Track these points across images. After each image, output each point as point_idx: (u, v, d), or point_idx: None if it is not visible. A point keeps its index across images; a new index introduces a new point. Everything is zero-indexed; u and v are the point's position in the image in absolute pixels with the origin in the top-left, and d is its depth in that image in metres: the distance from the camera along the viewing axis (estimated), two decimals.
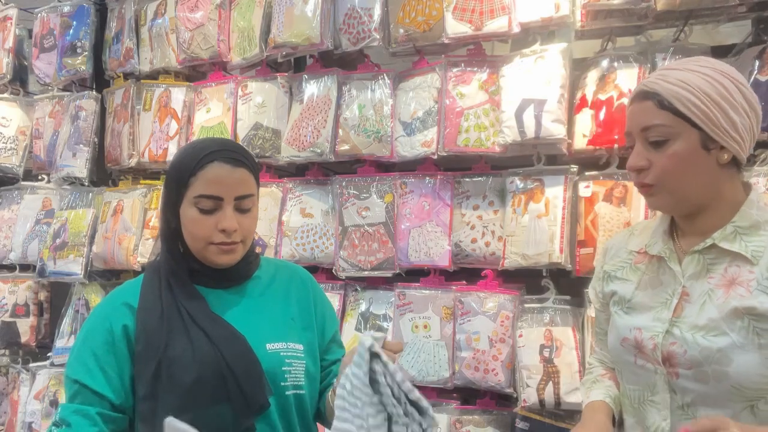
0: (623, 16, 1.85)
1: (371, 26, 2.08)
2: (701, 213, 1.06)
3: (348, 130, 2.13)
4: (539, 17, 1.84)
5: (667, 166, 1.01)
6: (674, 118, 1.00)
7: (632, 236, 1.21)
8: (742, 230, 1.02)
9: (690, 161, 1.01)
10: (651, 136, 1.02)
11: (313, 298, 1.31)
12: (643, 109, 1.04)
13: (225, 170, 1.13)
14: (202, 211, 1.13)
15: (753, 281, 0.98)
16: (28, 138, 2.91)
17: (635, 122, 1.05)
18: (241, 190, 1.15)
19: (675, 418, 1.05)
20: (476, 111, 1.96)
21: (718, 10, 1.79)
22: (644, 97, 1.04)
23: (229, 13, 2.39)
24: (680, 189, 1.03)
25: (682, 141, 1.00)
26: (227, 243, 1.14)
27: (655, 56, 1.81)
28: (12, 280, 2.76)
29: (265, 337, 1.18)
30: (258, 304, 1.23)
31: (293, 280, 1.31)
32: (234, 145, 1.22)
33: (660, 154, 1.02)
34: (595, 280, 1.27)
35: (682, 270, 1.06)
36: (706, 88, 1.00)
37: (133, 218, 2.49)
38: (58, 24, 2.80)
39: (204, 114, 2.44)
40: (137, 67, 2.61)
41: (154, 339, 1.12)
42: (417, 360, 1.98)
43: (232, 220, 1.13)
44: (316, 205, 2.23)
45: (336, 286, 2.20)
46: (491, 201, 1.99)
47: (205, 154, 1.13)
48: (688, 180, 1.02)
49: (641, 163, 1.03)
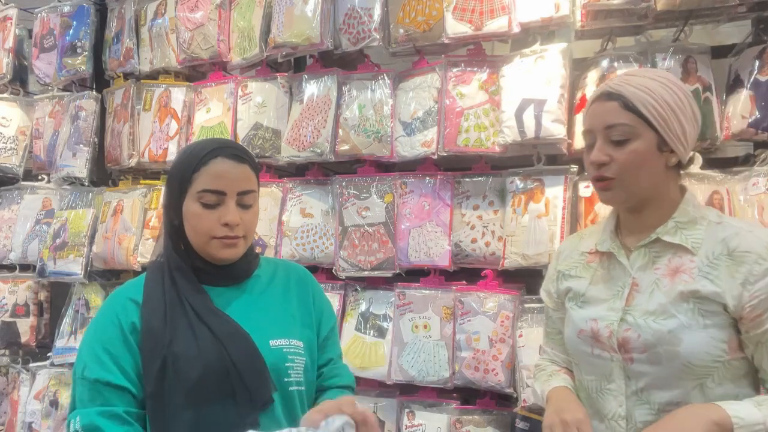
0: (623, 16, 1.85)
1: (371, 26, 2.08)
2: (645, 209, 1.16)
3: (348, 130, 2.13)
4: (539, 17, 1.85)
5: (627, 162, 1.10)
6: (636, 119, 1.10)
7: (582, 239, 1.31)
8: (682, 225, 1.13)
9: (646, 160, 1.11)
10: (614, 134, 1.11)
11: (312, 296, 1.32)
12: (607, 108, 1.12)
13: (228, 165, 1.16)
14: (205, 206, 1.15)
15: (695, 269, 1.09)
16: (28, 138, 2.91)
17: (599, 120, 1.13)
18: (243, 186, 1.17)
19: (630, 404, 1.13)
20: (476, 111, 1.96)
21: (718, 10, 1.79)
22: (608, 98, 1.13)
23: (229, 13, 2.39)
24: (634, 184, 1.12)
25: (641, 141, 1.10)
26: (230, 237, 1.16)
27: (655, 56, 1.81)
28: (12, 280, 2.76)
29: (267, 333, 1.19)
30: (260, 301, 1.24)
31: (292, 278, 1.33)
32: (235, 143, 1.25)
33: (620, 151, 1.11)
34: (547, 281, 1.37)
35: (630, 263, 1.17)
36: (666, 96, 1.10)
37: (133, 218, 2.49)
38: (58, 24, 2.80)
39: (204, 114, 2.44)
40: (137, 67, 2.61)
41: (159, 335, 1.13)
42: (417, 360, 1.98)
43: (234, 214, 1.15)
44: (316, 205, 2.23)
45: (336, 286, 2.20)
46: (491, 201, 1.99)
47: (208, 151, 1.16)
48: (642, 177, 1.12)
49: (604, 158, 1.11)
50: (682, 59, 1.79)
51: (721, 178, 1.75)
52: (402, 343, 2.02)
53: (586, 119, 1.17)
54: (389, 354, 2.04)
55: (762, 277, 1.04)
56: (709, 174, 1.76)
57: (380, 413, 2.07)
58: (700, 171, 1.76)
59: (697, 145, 1.75)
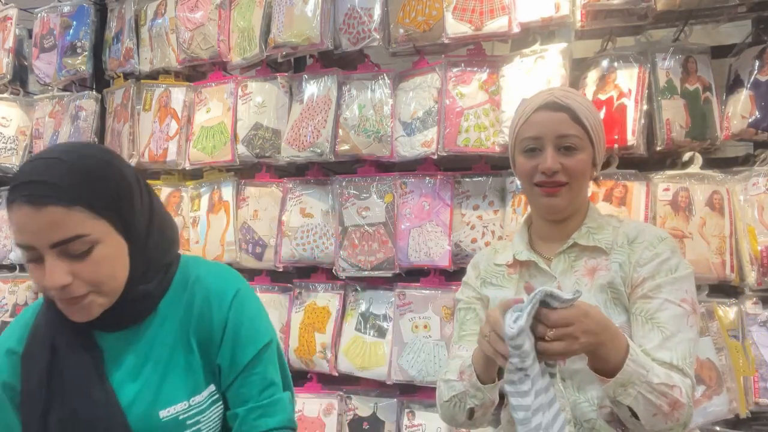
0: (623, 16, 1.85)
1: (371, 26, 2.08)
2: (568, 218, 1.23)
3: (348, 130, 2.13)
4: (539, 17, 1.84)
5: (577, 170, 1.18)
6: (583, 133, 1.17)
7: (497, 253, 1.34)
8: (593, 230, 1.22)
9: (587, 171, 1.20)
10: (565, 143, 1.17)
11: (224, 320, 1.03)
12: (558, 118, 1.17)
13: (26, 214, 0.84)
14: (30, 261, 0.88)
15: (609, 264, 1.18)
16: (28, 138, 2.91)
17: (550, 129, 1.17)
18: (56, 236, 0.85)
19: (572, 405, 1.14)
20: (476, 111, 1.96)
21: (718, 10, 1.79)
22: (557, 108, 1.18)
23: (229, 13, 2.39)
24: (578, 192, 1.21)
25: (584, 153, 1.18)
26: (71, 298, 0.89)
27: (655, 56, 1.81)
28: (12, 280, 2.77)
29: (159, 400, 0.98)
30: (155, 350, 1.00)
31: (197, 302, 1.03)
32: (45, 172, 0.86)
33: (570, 159, 1.17)
34: (464, 288, 1.36)
35: (552, 269, 1.22)
36: (597, 117, 1.22)
37: None
38: (58, 24, 2.80)
39: (204, 114, 2.44)
40: (137, 67, 2.61)
41: (34, 404, 0.94)
42: (417, 360, 1.98)
43: (54, 274, 0.86)
44: (316, 205, 2.23)
45: (336, 286, 2.20)
46: (491, 201, 1.99)
47: (9, 191, 0.86)
48: (583, 186, 1.22)
49: (557, 166, 1.17)
50: (682, 59, 1.79)
51: (721, 178, 1.75)
52: (402, 343, 2.02)
53: (533, 126, 1.19)
54: (389, 354, 2.03)
55: (649, 261, 1.14)
56: (709, 174, 1.76)
57: (380, 413, 2.07)
58: (700, 171, 1.76)
59: (697, 145, 1.76)
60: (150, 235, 0.99)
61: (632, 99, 1.79)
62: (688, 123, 1.76)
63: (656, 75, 1.79)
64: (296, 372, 2.22)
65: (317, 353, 2.14)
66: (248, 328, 1.04)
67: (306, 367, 2.17)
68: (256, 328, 1.06)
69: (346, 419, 2.10)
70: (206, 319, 1.02)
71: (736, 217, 1.71)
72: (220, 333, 1.02)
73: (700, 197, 1.73)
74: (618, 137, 1.77)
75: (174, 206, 2.48)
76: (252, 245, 2.29)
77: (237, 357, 1.03)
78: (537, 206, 1.25)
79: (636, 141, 1.76)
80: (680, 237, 1.70)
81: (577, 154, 1.17)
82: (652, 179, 1.79)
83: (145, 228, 0.98)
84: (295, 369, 2.20)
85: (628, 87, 1.80)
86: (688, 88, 1.78)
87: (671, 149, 1.78)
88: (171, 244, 1.06)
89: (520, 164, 1.23)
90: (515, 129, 1.24)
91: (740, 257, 1.70)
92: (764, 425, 1.69)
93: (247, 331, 1.04)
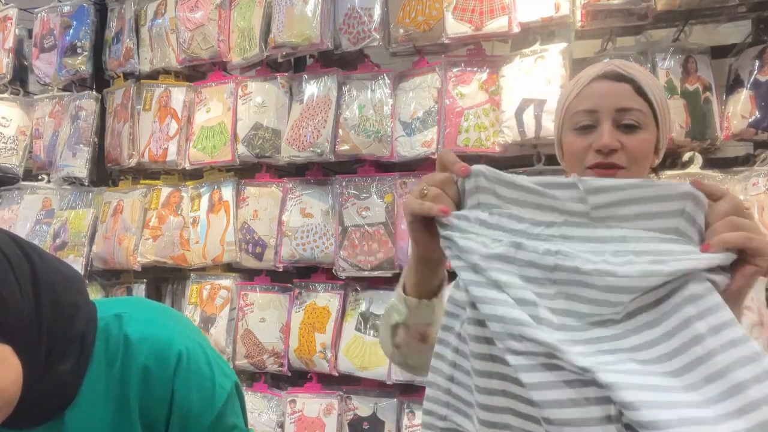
0: (623, 16, 1.85)
1: (371, 26, 2.08)
2: None
3: (348, 130, 2.13)
4: (539, 17, 1.84)
5: (639, 151, 0.96)
6: (648, 108, 0.97)
7: None
8: None
9: (649, 155, 0.99)
10: (626, 118, 0.96)
11: (171, 391, 0.85)
12: (619, 89, 0.97)
13: None
14: None
15: None
16: (28, 138, 2.90)
17: (609, 101, 0.97)
18: None
19: None
20: (476, 111, 1.96)
21: (718, 10, 1.79)
22: (620, 79, 0.98)
23: (229, 13, 2.39)
24: (637, 178, 1.01)
25: (648, 133, 0.97)
26: None
27: (655, 56, 1.81)
28: None
29: None
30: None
31: (136, 375, 0.84)
32: None
33: (631, 138, 0.96)
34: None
35: None
36: (664, 95, 1.01)
37: (133, 218, 2.49)
38: (58, 24, 2.80)
39: (204, 114, 2.44)
40: (137, 67, 2.61)
41: None
42: None
43: None
44: (316, 205, 2.23)
45: (336, 286, 2.20)
46: None
47: None
48: (643, 172, 0.99)
49: (616, 144, 0.95)
50: (682, 59, 1.79)
51: (721, 178, 1.75)
52: None
53: (588, 98, 0.99)
54: None
55: None
56: (709, 174, 1.75)
57: (380, 413, 2.07)
58: (700, 171, 1.76)
59: (697, 145, 1.76)
60: (40, 317, 0.76)
61: None
62: (688, 123, 1.76)
63: (656, 75, 1.79)
64: (296, 372, 2.22)
65: (317, 353, 2.14)
66: (201, 397, 0.86)
67: (306, 367, 2.17)
68: (212, 391, 0.87)
69: (346, 419, 2.11)
70: (148, 395, 0.84)
71: None
72: (166, 409, 0.85)
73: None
74: None
75: (174, 206, 2.48)
76: (252, 245, 2.29)
77: (191, 430, 0.87)
78: None
79: None
80: None
81: (641, 133, 0.96)
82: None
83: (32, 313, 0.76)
84: (295, 369, 2.20)
85: None
86: (688, 88, 1.78)
87: (671, 149, 1.78)
88: (74, 311, 0.82)
89: (568, 144, 1.01)
90: (564, 104, 1.03)
91: None
92: None
93: (200, 399, 0.86)
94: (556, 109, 1.07)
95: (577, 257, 0.67)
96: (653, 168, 1.05)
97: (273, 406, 2.21)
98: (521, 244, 0.70)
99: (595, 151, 0.96)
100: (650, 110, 0.97)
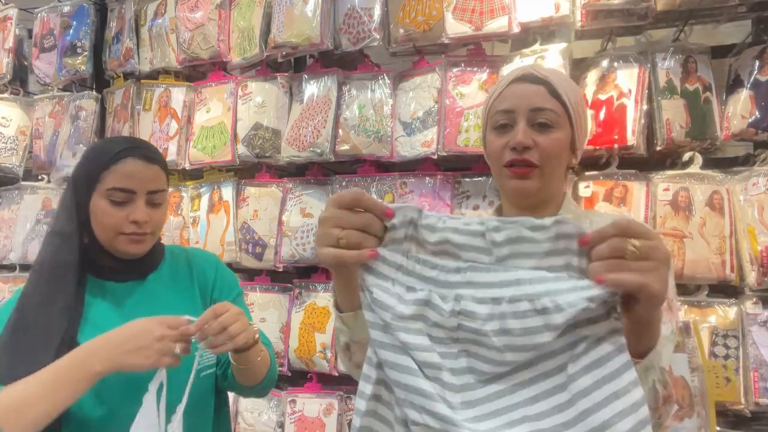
0: (623, 16, 1.85)
1: (371, 26, 2.08)
2: (541, 207, 1.09)
3: (348, 130, 2.13)
4: (539, 17, 1.85)
5: (551, 149, 1.03)
6: (561, 109, 1.04)
7: None
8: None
9: (563, 153, 1.06)
10: (540, 117, 1.03)
11: (214, 274, 1.36)
12: (534, 90, 1.05)
13: (139, 166, 1.19)
14: (114, 203, 1.18)
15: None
16: (28, 138, 2.91)
17: (524, 101, 1.04)
18: (153, 186, 1.21)
19: None
20: (476, 111, 1.96)
21: (718, 10, 1.79)
22: (535, 81, 1.05)
23: (229, 13, 2.39)
24: (551, 177, 1.07)
25: (561, 132, 1.05)
26: (138, 233, 1.20)
27: (655, 56, 1.81)
28: (12, 280, 2.76)
29: None
30: (161, 295, 1.27)
31: (194, 264, 1.36)
32: (147, 144, 1.27)
33: (544, 137, 1.03)
34: None
35: None
36: (580, 95, 1.08)
37: None
38: (58, 24, 2.80)
39: (204, 114, 2.44)
40: (137, 67, 2.61)
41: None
42: None
43: (143, 212, 1.19)
44: (316, 205, 2.23)
45: None
46: (491, 201, 1.99)
47: (119, 150, 1.18)
48: (556, 171, 1.06)
49: (529, 141, 1.03)
50: (682, 59, 1.79)
51: (721, 178, 1.75)
52: None
53: (506, 99, 1.06)
54: None
55: None
56: (709, 174, 1.76)
57: None
58: (700, 171, 1.76)
59: (697, 145, 1.76)
60: None
61: (632, 99, 1.79)
62: (688, 123, 1.76)
63: (656, 75, 1.80)
64: (296, 372, 2.22)
65: (317, 353, 2.14)
66: (230, 280, 1.40)
67: (306, 367, 2.17)
68: (235, 281, 1.42)
69: (346, 419, 2.11)
70: (203, 271, 1.35)
71: (736, 217, 1.71)
72: (213, 273, 1.36)
73: (700, 197, 1.73)
74: (618, 137, 1.77)
75: (174, 206, 2.48)
76: (252, 245, 2.29)
77: (224, 291, 1.35)
78: (506, 191, 1.10)
79: (636, 141, 1.76)
80: (680, 237, 1.71)
81: (553, 132, 1.04)
82: (652, 179, 1.79)
83: None
84: (295, 369, 2.20)
85: (628, 87, 1.80)
86: (688, 88, 1.78)
87: (671, 149, 1.78)
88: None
89: (489, 143, 1.09)
90: (488, 105, 1.12)
91: (740, 257, 1.70)
92: (764, 425, 1.69)
93: (229, 280, 1.40)
94: (482, 110, 1.15)
95: (478, 318, 0.70)
96: (572, 167, 1.13)
97: (273, 406, 2.21)
98: (430, 302, 0.72)
99: (511, 149, 1.04)
100: (564, 111, 1.04)
